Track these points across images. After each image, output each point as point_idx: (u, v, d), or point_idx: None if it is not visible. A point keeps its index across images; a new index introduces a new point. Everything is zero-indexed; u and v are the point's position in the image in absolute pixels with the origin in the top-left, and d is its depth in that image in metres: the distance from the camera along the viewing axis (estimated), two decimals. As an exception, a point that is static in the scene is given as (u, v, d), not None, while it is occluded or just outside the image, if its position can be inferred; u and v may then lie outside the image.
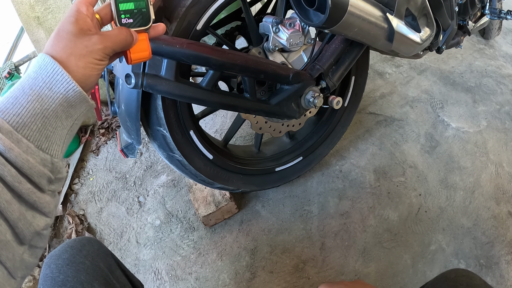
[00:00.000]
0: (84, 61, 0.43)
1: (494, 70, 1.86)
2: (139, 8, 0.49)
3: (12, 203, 0.39)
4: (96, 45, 0.44)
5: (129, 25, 0.49)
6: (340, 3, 0.70)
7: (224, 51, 0.81)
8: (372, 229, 1.26)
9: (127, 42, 0.48)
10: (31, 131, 0.40)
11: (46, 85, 0.41)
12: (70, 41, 0.43)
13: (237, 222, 1.27)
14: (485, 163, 1.45)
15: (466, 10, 1.44)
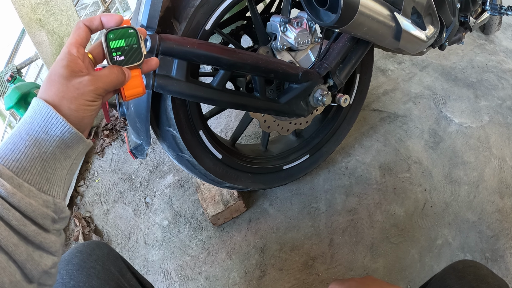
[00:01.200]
0: (76, 104, 0.44)
1: (495, 65, 1.87)
2: (130, 44, 0.49)
3: (19, 246, 0.40)
4: (87, 86, 0.45)
5: (121, 63, 0.48)
6: (351, 3, 0.70)
7: (235, 50, 0.81)
8: (379, 224, 1.27)
9: (119, 81, 0.48)
10: (31, 174, 0.41)
11: (42, 129, 0.42)
12: (61, 85, 0.44)
13: (246, 220, 1.28)
14: (488, 158, 1.46)
15: (468, 6, 1.45)
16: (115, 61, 0.48)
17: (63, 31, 1.54)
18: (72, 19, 1.55)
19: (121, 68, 0.48)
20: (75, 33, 0.48)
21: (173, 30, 0.87)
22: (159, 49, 0.79)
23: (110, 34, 0.48)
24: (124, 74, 0.48)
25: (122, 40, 0.48)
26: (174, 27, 0.87)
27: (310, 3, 0.74)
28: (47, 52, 1.54)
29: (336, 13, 0.70)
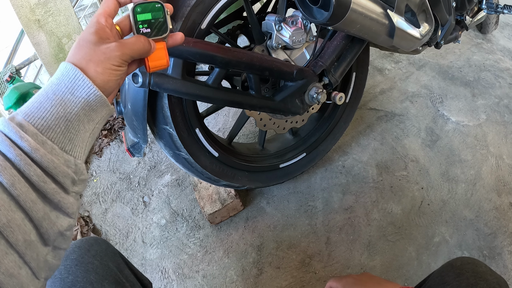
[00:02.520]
0: (102, 67, 0.45)
1: (492, 64, 1.88)
2: (156, 18, 0.50)
3: (37, 203, 0.40)
4: (113, 51, 0.46)
5: (147, 35, 0.50)
6: (343, 0, 0.71)
7: (230, 49, 0.82)
8: (376, 222, 1.27)
9: (145, 50, 0.49)
10: (55, 133, 0.42)
11: (68, 90, 0.43)
12: (89, 49, 0.45)
13: (243, 219, 1.28)
14: (485, 156, 1.47)
15: (464, 5, 1.46)
16: (141, 32, 0.50)
17: (61, 31, 1.55)
18: (70, 20, 1.56)
19: (146, 39, 0.49)
20: (104, 4, 0.49)
21: (169, 29, 0.87)
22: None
23: (137, 8, 0.49)
24: (150, 44, 0.50)
25: (149, 14, 0.50)
26: (170, 26, 0.88)
27: (303, 1, 0.75)
28: (46, 52, 1.55)
29: (329, 10, 0.71)
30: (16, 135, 0.39)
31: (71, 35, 1.57)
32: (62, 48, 1.58)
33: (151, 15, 0.50)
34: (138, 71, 0.83)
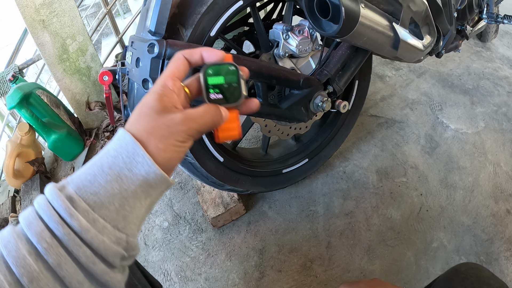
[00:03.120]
0: (165, 143, 0.41)
1: (491, 72, 1.91)
2: (229, 82, 0.45)
3: (84, 284, 0.37)
4: (178, 126, 0.41)
5: (218, 101, 0.45)
6: (352, 14, 0.73)
7: (239, 57, 0.83)
8: (376, 228, 1.29)
9: (214, 123, 0.44)
10: (109, 211, 0.39)
11: (126, 166, 0.40)
12: (152, 119, 0.41)
13: (245, 223, 1.30)
14: (483, 163, 1.49)
15: (465, 15, 1.48)
16: (212, 98, 0.45)
17: (66, 32, 1.56)
18: (75, 21, 1.56)
19: (218, 108, 0.44)
20: (172, 64, 0.45)
21: (179, 36, 0.89)
22: (166, 55, 0.81)
23: (209, 70, 0.45)
24: (221, 114, 0.44)
25: (221, 77, 0.45)
26: (180, 33, 0.89)
27: (312, 14, 0.77)
28: (50, 53, 1.55)
29: (338, 23, 0.73)
30: (66, 212, 0.36)
31: (75, 36, 1.58)
32: (66, 49, 1.58)
33: (224, 79, 0.45)
34: (149, 77, 0.84)
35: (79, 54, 1.61)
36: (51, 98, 1.62)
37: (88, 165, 0.41)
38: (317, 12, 0.74)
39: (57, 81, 1.59)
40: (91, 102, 1.66)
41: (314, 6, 0.74)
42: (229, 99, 0.45)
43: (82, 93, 1.66)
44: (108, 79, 0.98)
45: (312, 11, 0.76)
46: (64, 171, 1.62)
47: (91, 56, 1.63)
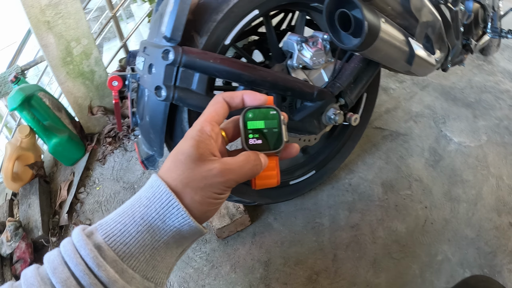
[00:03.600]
0: (201, 195, 0.39)
1: (492, 86, 1.93)
2: (270, 127, 0.43)
3: None
4: (216, 177, 0.39)
5: (258, 147, 0.42)
6: (373, 29, 0.72)
7: (255, 68, 0.82)
8: (382, 240, 1.28)
9: (254, 173, 0.41)
10: (138, 262, 0.37)
11: (159, 217, 0.38)
12: (188, 169, 0.38)
13: (250, 234, 1.28)
14: (486, 176, 1.50)
15: (470, 29, 1.50)
16: (250, 144, 0.42)
17: (70, 35, 1.53)
18: (80, 24, 1.54)
19: (257, 156, 0.42)
20: (212, 108, 0.42)
21: (193, 43, 0.87)
22: (181, 62, 0.79)
23: (249, 113, 0.43)
24: (261, 163, 0.42)
25: (261, 122, 0.42)
26: (194, 40, 0.87)
27: (333, 26, 0.76)
28: (54, 55, 1.53)
29: (359, 37, 0.72)
30: (93, 262, 0.35)
31: (80, 39, 1.56)
32: (70, 52, 1.56)
33: (264, 124, 0.42)
34: (162, 84, 0.82)
35: (83, 57, 1.59)
36: (53, 101, 1.60)
37: (119, 211, 0.39)
38: (338, 25, 0.73)
39: (60, 84, 1.57)
40: (93, 107, 1.63)
41: (335, 19, 0.73)
42: (269, 146, 0.43)
43: (84, 97, 1.63)
44: (118, 84, 0.96)
45: (332, 24, 0.75)
46: (64, 175, 1.59)
47: (95, 60, 1.61)
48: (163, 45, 0.81)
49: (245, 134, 0.42)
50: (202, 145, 0.39)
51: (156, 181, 0.39)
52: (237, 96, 0.44)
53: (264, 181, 0.44)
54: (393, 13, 0.79)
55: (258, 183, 0.44)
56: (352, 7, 0.74)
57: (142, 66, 0.88)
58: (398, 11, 0.79)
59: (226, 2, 0.88)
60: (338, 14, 0.72)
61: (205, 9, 0.89)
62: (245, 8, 0.90)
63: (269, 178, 0.44)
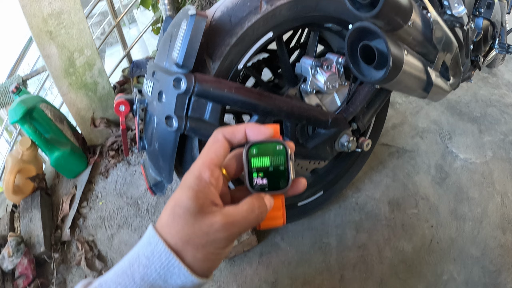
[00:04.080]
0: (203, 252, 0.36)
1: (497, 99, 1.92)
2: (276, 165, 0.39)
3: None
4: (219, 232, 0.36)
5: (263, 188, 0.39)
6: (398, 62, 0.71)
7: (271, 97, 0.80)
8: (388, 260, 1.28)
9: (258, 221, 0.39)
10: None
11: (160, 277, 0.36)
12: (187, 224, 0.36)
13: (257, 254, 1.27)
14: (491, 194, 1.49)
15: (479, 47, 1.49)
16: (255, 184, 0.39)
17: (73, 45, 1.50)
18: (83, 34, 1.51)
19: (262, 201, 0.39)
20: (211, 149, 0.39)
21: (206, 68, 0.85)
22: (194, 91, 0.77)
23: (253, 149, 0.39)
24: (266, 207, 0.39)
25: (267, 158, 0.39)
26: (206, 65, 0.85)
27: (354, 57, 0.74)
28: (56, 66, 1.50)
29: (380, 69, 0.70)
30: None
31: (83, 49, 1.52)
32: (73, 63, 1.52)
33: (270, 161, 0.39)
34: (173, 114, 0.79)
35: (86, 68, 1.56)
36: (55, 113, 1.56)
37: (117, 270, 0.36)
38: (360, 57, 0.71)
39: (62, 95, 1.53)
40: (96, 119, 1.60)
41: (358, 51, 0.71)
42: (275, 186, 0.40)
43: (87, 108, 1.60)
44: (125, 109, 0.92)
45: (354, 56, 0.73)
46: (66, 188, 1.56)
47: (98, 71, 1.58)
48: (174, 71, 0.78)
49: (249, 173, 0.39)
50: (201, 195, 0.37)
51: (154, 238, 0.37)
52: (239, 131, 0.40)
53: (269, 222, 0.41)
54: (413, 42, 0.77)
55: (262, 224, 0.41)
56: (374, 37, 0.72)
57: (151, 91, 0.85)
58: (419, 40, 0.77)
59: (240, 24, 0.86)
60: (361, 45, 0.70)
61: (218, 31, 0.86)
62: (259, 30, 0.87)
63: (274, 219, 0.41)
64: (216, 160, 0.39)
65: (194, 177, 0.37)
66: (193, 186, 0.37)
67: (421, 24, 0.77)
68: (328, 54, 0.98)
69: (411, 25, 0.72)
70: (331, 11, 0.93)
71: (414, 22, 0.73)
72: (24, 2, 1.36)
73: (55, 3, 1.40)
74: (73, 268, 1.34)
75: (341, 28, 1.00)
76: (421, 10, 0.80)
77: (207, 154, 0.39)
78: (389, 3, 0.63)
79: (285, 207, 0.45)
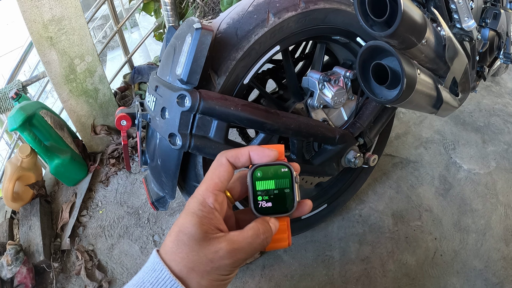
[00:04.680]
0: (207, 279, 0.36)
1: (501, 109, 1.91)
2: (281, 188, 0.39)
3: None
4: (223, 259, 0.36)
5: (268, 211, 0.39)
6: (411, 82, 0.69)
7: (278, 114, 0.78)
8: (392, 274, 1.26)
9: (264, 246, 0.38)
10: None
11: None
12: (192, 251, 0.36)
13: (259, 267, 1.25)
14: (495, 205, 1.48)
15: (485, 57, 1.47)
16: (260, 207, 0.39)
17: (74, 52, 1.48)
18: (84, 40, 1.49)
19: (267, 225, 0.38)
20: (214, 173, 0.39)
21: (211, 83, 0.82)
22: (199, 109, 0.74)
23: (257, 172, 0.39)
24: (271, 232, 0.38)
25: (271, 182, 0.39)
26: (211, 79, 0.82)
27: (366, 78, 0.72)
28: (56, 72, 1.48)
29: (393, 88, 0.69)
30: None
31: (84, 56, 1.50)
32: (74, 69, 1.50)
33: (275, 184, 0.39)
34: (177, 132, 0.77)
35: (86, 75, 1.54)
36: (55, 119, 1.54)
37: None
38: (372, 77, 0.69)
39: (63, 102, 1.51)
40: (96, 126, 1.58)
41: (369, 70, 0.69)
42: (281, 209, 0.39)
43: (88, 115, 1.58)
44: (127, 124, 0.90)
45: (366, 75, 0.71)
46: (66, 195, 1.54)
47: (99, 77, 1.56)
48: (178, 87, 0.76)
49: (254, 197, 0.39)
50: (205, 221, 0.36)
51: (158, 265, 0.36)
52: (243, 155, 0.40)
53: (275, 244, 0.41)
54: (425, 59, 0.76)
55: (267, 247, 0.41)
56: (386, 55, 0.71)
57: (153, 106, 0.82)
58: (431, 57, 0.76)
59: (246, 38, 0.84)
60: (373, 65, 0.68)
61: (224, 45, 0.84)
62: (266, 44, 0.85)
63: (279, 241, 0.41)
64: (220, 185, 0.38)
65: (198, 203, 0.37)
66: (197, 212, 0.37)
67: (434, 42, 0.75)
68: (335, 68, 0.96)
69: (424, 43, 0.71)
70: (339, 24, 0.92)
71: (428, 39, 0.72)
72: (24, 8, 1.34)
73: (56, 8, 1.38)
74: (73, 278, 1.32)
75: (348, 41, 0.98)
76: (434, 27, 0.79)
77: (211, 178, 0.39)
78: (405, 22, 0.62)
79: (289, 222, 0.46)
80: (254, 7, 0.84)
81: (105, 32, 3.15)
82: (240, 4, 0.87)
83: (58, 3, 1.37)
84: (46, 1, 1.35)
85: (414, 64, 0.72)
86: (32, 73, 2.22)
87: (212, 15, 1.84)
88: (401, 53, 0.69)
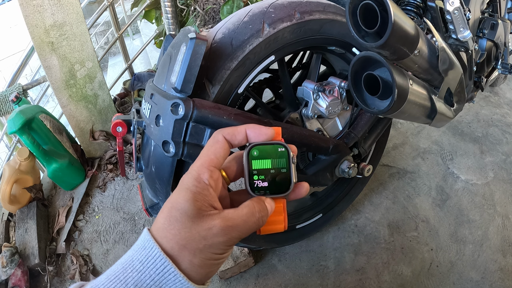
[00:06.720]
0: (200, 258, 0.35)
1: (499, 119, 1.91)
2: (277, 168, 0.38)
3: None
4: (217, 237, 0.35)
5: (263, 191, 0.38)
6: (402, 93, 0.69)
7: (271, 123, 0.79)
8: (387, 285, 1.25)
9: (259, 226, 0.37)
10: None
11: (155, 284, 0.34)
12: (184, 227, 0.34)
13: (253, 276, 1.25)
14: (492, 216, 1.48)
15: (483, 68, 1.48)
16: (256, 187, 0.38)
17: (75, 57, 1.50)
18: (85, 46, 1.50)
19: (263, 204, 0.37)
20: (210, 150, 0.38)
21: (205, 92, 0.83)
22: (192, 117, 0.75)
23: (253, 151, 0.38)
24: (267, 211, 0.37)
25: (268, 161, 0.38)
26: (206, 88, 0.83)
27: (358, 88, 0.73)
28: (57, 77, 1.49)
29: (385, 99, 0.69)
30: None
31: (84, 62, 1.52)
32: (74, 75, 1.52)
33: (271, 163, 0.38)
34: (171, 140, 0.78)
35: (86, 80, 1.55)
36: (54, 123, 1.55)
37: (110, 275, 0.35)
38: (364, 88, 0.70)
39: (62, 107, 1.53)
40: (95, 131, 1.59)
41: (361, 81, 0.70)
42: (277, 189, 0.38)
43: (87, 121, 1.59)
44: (122, 130, 0.91)
45: (358, 85, 0.72)
46: (63, 200, 1.55)
47: (99, 83, 1.57)
48: (172, 95, 0.76)
49: (250, 176, 0.38)
50: (199, 197, 0.35)
51: (149, 242, 0.35)
52: (240, 132, 0.39)
53: (270, 226, 0.40)
54: (419, 70, 0.76)
55: (263, 229, 0.40)
56: (378, 65, 0.71)
57: (148, 114, 0.83)
58: (424, 68, 0.76)
59: (241, 48, 0.85)
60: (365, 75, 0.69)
61: (219, 55, 0.85)
62: (261, 54, 0.86)
63: (275, 223, 0.40)
64: (215, 161, 0.37)
65: (193, 179, 0.36)
66: (191, 188, 0.35)
67: (427, 52, 0.76)
68: (330, 78, 0.97)
69: (417, 53, 0.71)
70: (335, 34, 0.92)
71: (421, 50, 0.72)
72: (26, 12, 1.36)
73: (57, 14, 1.40)
74: (67, 282, 1.32)
75: (344, 51, 0.99)
76: (427, 37, 0.79)
77: (206, 155, 0.37)
78: (396, 32, 0.62)
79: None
80: (249, 17, 0.85)
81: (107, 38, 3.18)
82: (236, 14, 0.88)
83: (60, 8, 1.39)
84: (48, 7, 1.37)
85: (407, 74, 0.73)
86: (33, 77, 2.24)
87: (213, 23, 1.85)
88: (392, 63, 0.69)
